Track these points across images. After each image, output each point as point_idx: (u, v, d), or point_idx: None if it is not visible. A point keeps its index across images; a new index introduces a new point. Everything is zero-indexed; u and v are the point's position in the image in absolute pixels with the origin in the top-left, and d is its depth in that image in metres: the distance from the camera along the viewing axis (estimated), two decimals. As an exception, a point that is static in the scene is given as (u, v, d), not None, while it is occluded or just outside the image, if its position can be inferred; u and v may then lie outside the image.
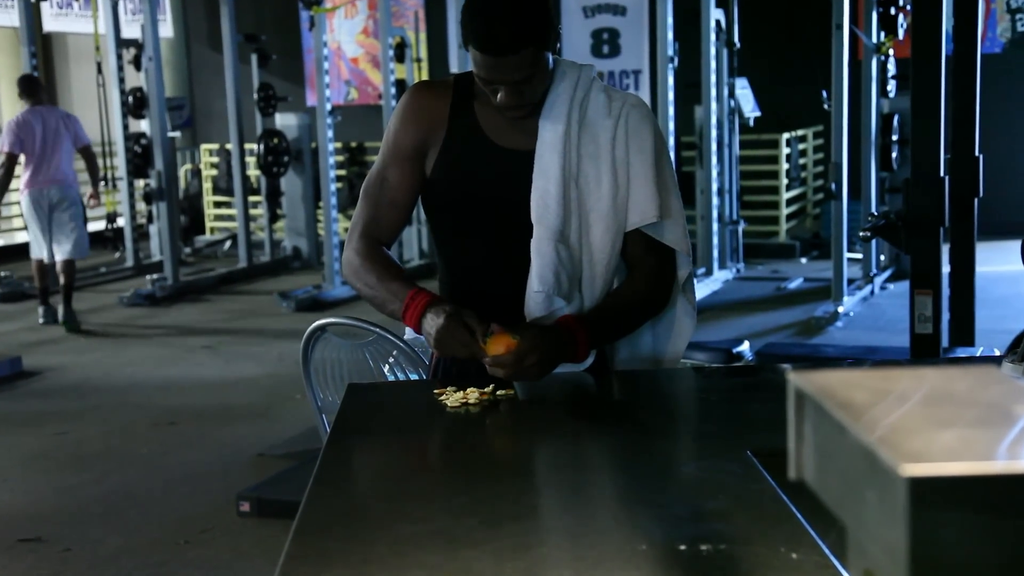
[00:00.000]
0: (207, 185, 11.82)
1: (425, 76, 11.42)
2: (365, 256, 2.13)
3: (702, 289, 8.10)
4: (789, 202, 10.78)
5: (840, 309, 7.19)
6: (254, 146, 10.17)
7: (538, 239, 2.06)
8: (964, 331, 4.94)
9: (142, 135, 9.49)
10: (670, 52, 7.72)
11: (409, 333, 2.31)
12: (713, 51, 8.44)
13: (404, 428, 1.87)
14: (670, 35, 7.70)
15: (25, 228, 7.83)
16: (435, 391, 1.94)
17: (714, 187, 8.60)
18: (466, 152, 2.11)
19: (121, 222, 10.43)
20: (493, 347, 1.91)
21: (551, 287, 2.05)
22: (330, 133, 8.56)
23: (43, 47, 12.23)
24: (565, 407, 1.97)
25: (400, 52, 9.49)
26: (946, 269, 4.69)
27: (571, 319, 2.01)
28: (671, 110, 7.76)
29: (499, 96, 2.01)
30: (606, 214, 2.09)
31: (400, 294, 2.04)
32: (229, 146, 10.55)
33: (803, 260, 9.64)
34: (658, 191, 2.10)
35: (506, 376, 1.93)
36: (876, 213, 4.66)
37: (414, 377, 2.37)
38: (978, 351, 4.59)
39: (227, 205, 11.80)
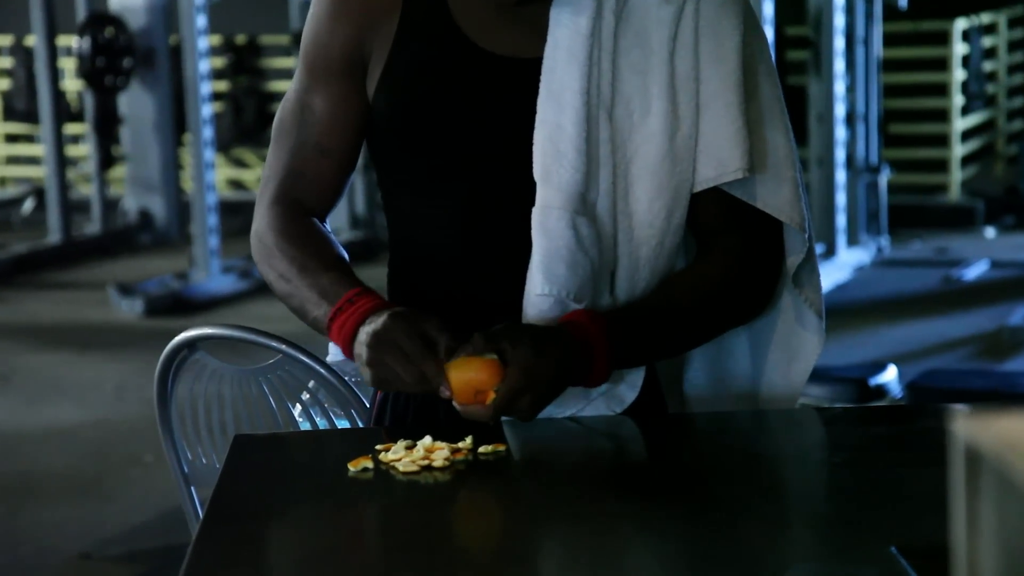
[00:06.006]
0: (-5, 106, 11.81)
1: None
2: (282, 232, 2.14)
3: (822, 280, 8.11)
4: (966, 135, 10.79)
5: (1049, 314, 7.23)
6: (73, 41, 10.16)
7: (543, 208, 2.06)
8: None
9: None
10: None
11: (334, 353, 2.32)
12: None
13: (326, 507, 1.88)
14: None
15: None
16: (378, 447, 1.96)
17: (839, 112, 8.61)
18: (430, 60, 2.12)
19: None
20: (458, 379, 1.91)
21: (564, 286, 2.06)
22: (202, 20, 8.56)
23: None
24: (591, 474, 1.98)
25: None
26: None
27: (585, 319, 2.03)
28: (769, -17, 7.78)
29: None
30: (657, 166, 2.09)
31: (331, 293, 2.05)
32: (30, 41, 10.52)
33: (989, 232, 9.65)
34: (747, 126, 2.10)
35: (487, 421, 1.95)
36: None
37: (343, 425, 2.39)
38: None
39: (28, 139, 11.78)
